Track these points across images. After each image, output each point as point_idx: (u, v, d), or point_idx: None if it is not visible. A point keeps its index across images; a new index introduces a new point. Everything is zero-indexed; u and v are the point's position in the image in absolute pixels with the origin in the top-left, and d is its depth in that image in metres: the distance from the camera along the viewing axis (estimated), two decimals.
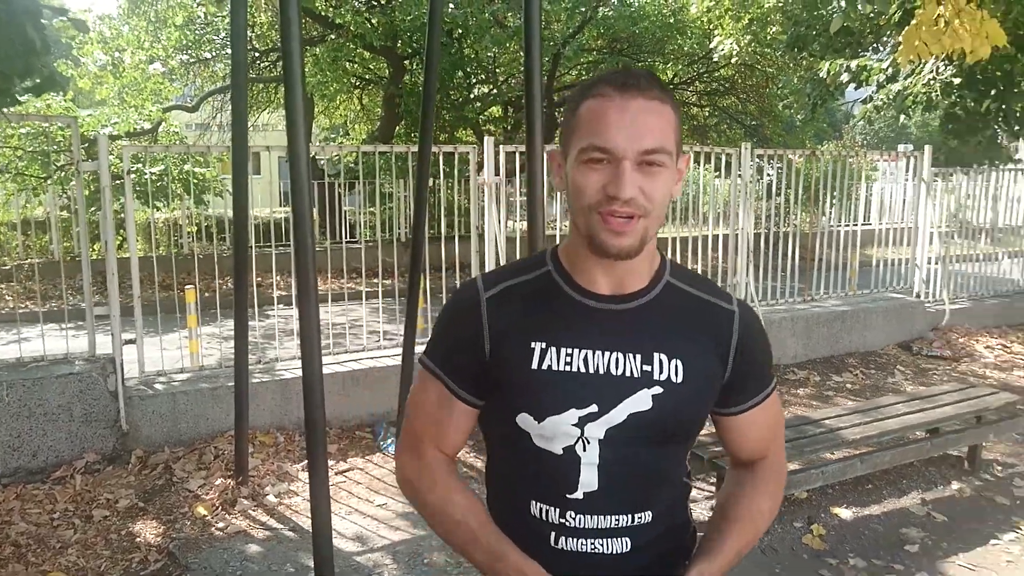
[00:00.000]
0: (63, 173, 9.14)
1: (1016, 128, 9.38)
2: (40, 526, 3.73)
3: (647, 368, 1.22)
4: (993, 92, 8.17)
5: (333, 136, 20.36)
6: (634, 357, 1.22)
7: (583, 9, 12.86)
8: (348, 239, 11.70)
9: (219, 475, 4.23)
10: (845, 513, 4.13)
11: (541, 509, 1.26)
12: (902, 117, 10.16)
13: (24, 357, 4.43)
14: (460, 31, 11.42)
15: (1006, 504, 4.28)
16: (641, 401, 1.21)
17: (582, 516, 1.24)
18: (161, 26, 12.85)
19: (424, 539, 3.72)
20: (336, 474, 4.39)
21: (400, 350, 5.48)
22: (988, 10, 4.63)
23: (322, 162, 14.02)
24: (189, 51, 14.44)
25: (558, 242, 1.36)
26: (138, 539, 3.67)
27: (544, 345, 1.23)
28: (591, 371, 1.21)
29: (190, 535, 3.71)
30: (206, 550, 3.58)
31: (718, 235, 7.08)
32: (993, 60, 7.22)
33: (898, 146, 21.00)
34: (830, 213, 8.00)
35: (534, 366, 1.22)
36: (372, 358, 5.36)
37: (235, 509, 3.96)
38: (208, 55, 15.25)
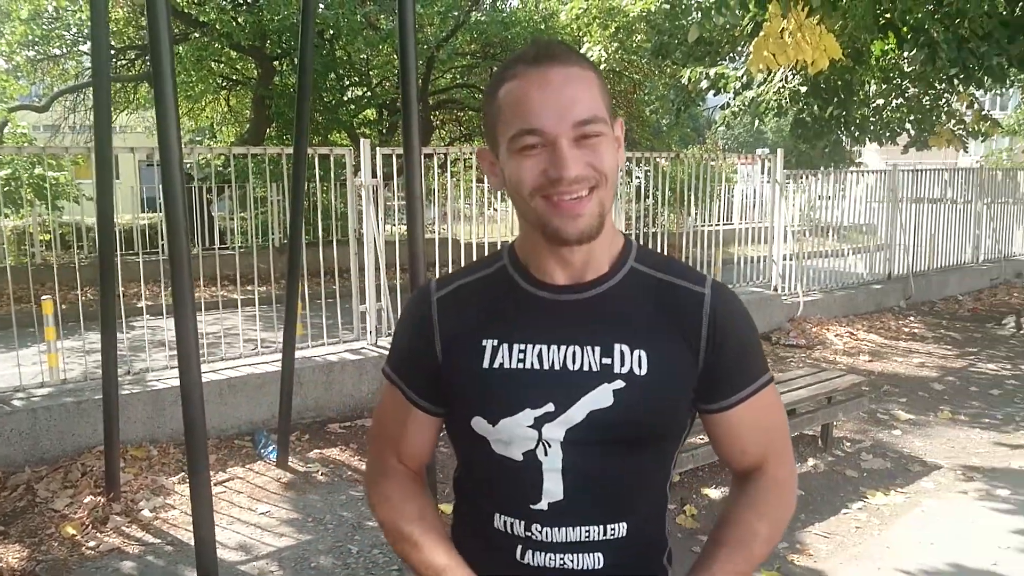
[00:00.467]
0: None
1: (857, 133, 10.23)
2: None
3: (607, 361, 1.11)
4: (836, 100, 8.88)
5: (199, 139, 19.55)
6: (593, 350, 1.12)
7: (456, 13, 12.98)
8: (219, 245, 11.31)
9: (88, 492, 4.02)
10: (714, 493, 4.40)
11: (505, 522, 1.16)
12: (758, 122, 10.84)
13: None
14: (332, 32, 11.28)
15: (855, 477, 4.69)
16: (601, 397, 1.10)
17: (549, 528, 1.13)
18: (3, 19, 11.97)
19: (311, 543, 3.69)
20: (216, 484, 4.27)
21: (279, 355, 5.40)
22: (826, 25, 5.05)
23: (189, 165, 13.43)
24: (37, 47, 13.54)
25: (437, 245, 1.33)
26: (0, 564, 3.46)
27: (496, 342, 1.14)
28: (545, 367, 1.11)
29: (58, 556, 3.52)
30: (76, 571, 3.41)
31: None
32: (834, 70, 7.87)
33: (757, 150, 22.33)
34: (695, 214, 8.44)
35: (485, 365, 1.13)
36: (250, 365, 5.23)
37: (107, 526, 3.78)
38: (58, 52, 14.35)
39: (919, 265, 10.46)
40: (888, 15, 6.15)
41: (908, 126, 10.75)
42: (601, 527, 1.13)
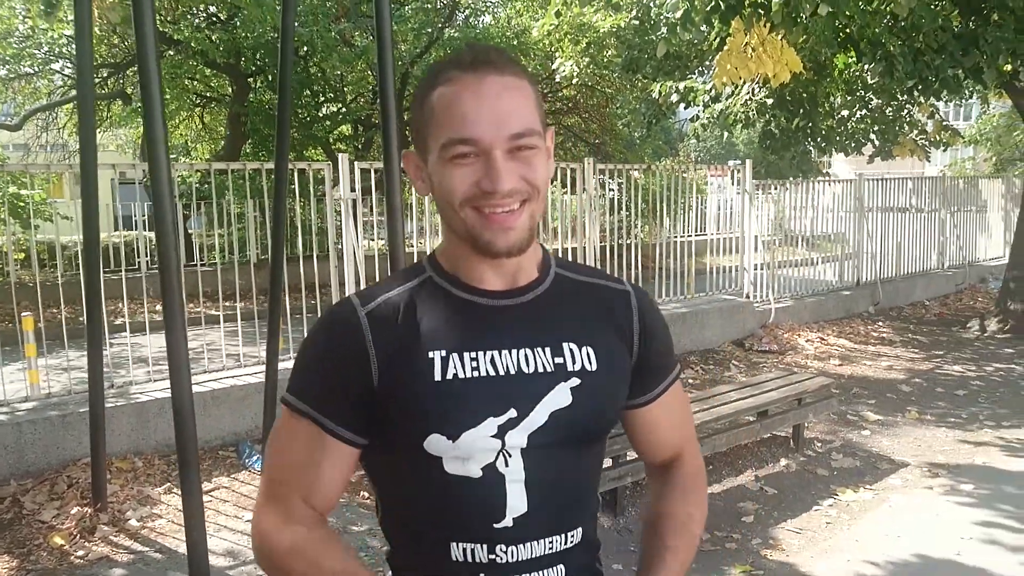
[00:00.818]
0: None
1: (823, 144, 10.51)
2: None
3: (559, 360, 1.10)
4: (801, 112, 9.14)
5: (173, 156, 19.52)
6: (543, 351, 1.10)
7: (429, 30, 13.14)
8: (197, 262, 11.32)
9: (75, 504, 4.06)
10: None
11: (464, 550, 1.07)
12: (728, 134, 11.09)
13: None
14: (307, 49, 11.37)
15: (825, 475, 4.84)
16: (560, 397, 1.08)
17: (514, 547, 1.07)
18: None
19: None
20: (203, 493, 4.32)
21: (261, 367, 5.47)
22: (788, 39, 5.26)
23: None
24: (8, 66, 13.50)
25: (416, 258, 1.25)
26: None
27: (444, 353, 1.07)
28: (502, 372, 1.07)
29: (47, 566, 3.57)
30: None
31: (567, 248, 7.49)
32: (799, 83, 8.11)
33: (728, 161, 22.71)
34: (668, 225, 8.62)
35: (437, 378, 1.05)
36: (232, 377, 5.29)
37: (95, 536, 3.83)
38: (29, 70, 14.31)
39: (886, 272, 10.74)
40: (847, 30, 6.39)
41: (872, 136, 11.05)
42: (562, 536, 1.11)
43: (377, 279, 6.47)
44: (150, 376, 5.25)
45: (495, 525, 1.07)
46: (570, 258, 7.15)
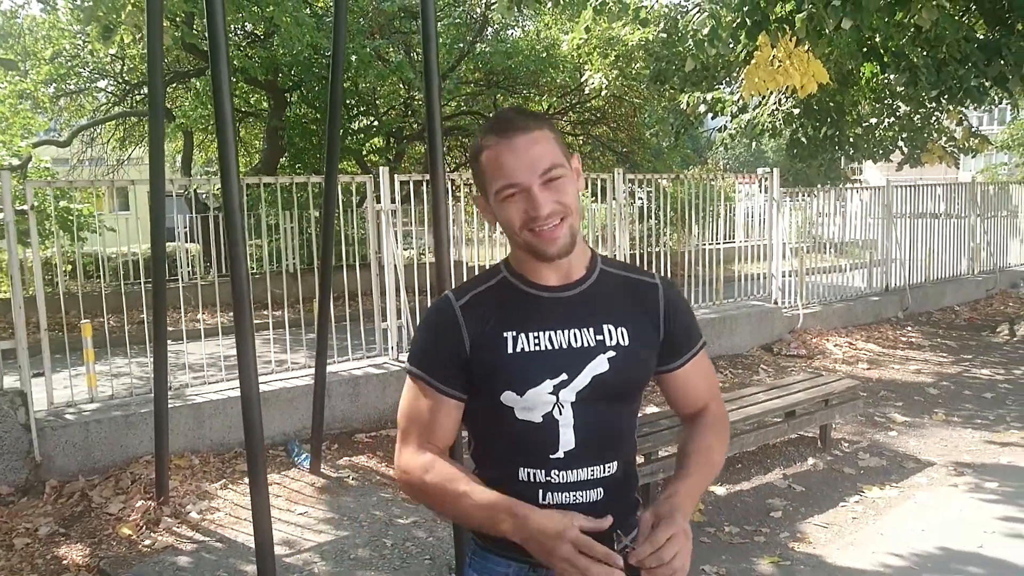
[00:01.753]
0: None
1: (851, 152, 10.60)
2: None
3: (600, 338, 1.46)
4: (828, 120, 9.26)
5: (210, 171, 20.02)
6: (588, 330, 1.46)
7: (461, 44, 13.44)
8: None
9: (139, 497, 4.34)
10: (720, 490, 4.70)
11: (529, 473, 1.45)
12: (757, 142, 11.22)
13: None
14: (331, 64, 11.71)
15: (852, 473, 4.98)
16: (600, 364, 1.44)
17: (564, 472, 1.44)
18: (31, 59, 12.46)
19: (348, 538, 4.01)
20: (267, 483, 4.57)
21: (305, 371, 5.73)
22: (814, 51, 5.43)
23: (205, 195, 13.85)
24: (56, 84, 14.03)
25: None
26: (65, 561, 3.77)
27: (515, 333, 1.45)
28: (556, 347, 1.44)
29: (118, 553, 3.84)
30: (137, 565, 3.72)
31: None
32: (825, 93, 8.25)
33: (757, 169, 22.72)
34: (697, 233, 8.78)
35: (510, 351, 1.44)
36: (281, 380, 5.56)
37: (159, 527, 4.10)
38: (74, 88, 14.85)
39: (916, 277, 10.78)
40: (871, 41, 6.52)
41: (901, 144, 11.10)
42: (602, 466, 1.47)
43: (416, 287, 6.73)
44: (204, 379, 5.53)
45: (551, 456, 1.45)
46: None
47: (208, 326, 6.25)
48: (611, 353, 1.46)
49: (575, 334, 1.47)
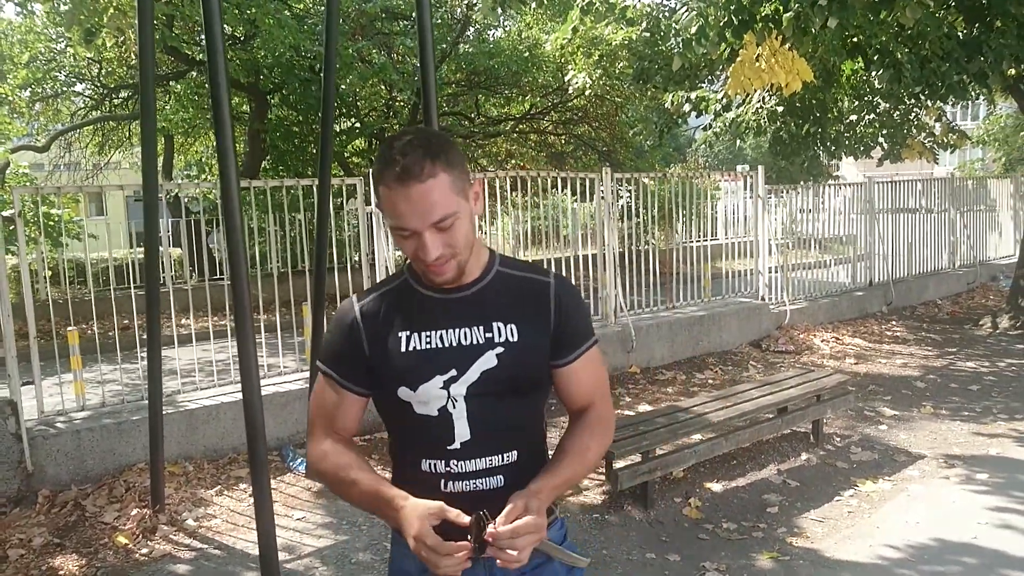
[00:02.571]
0: None
1: (832, 148, 10.70)
2: None
3: (489, 335, 1.55)
4: (811, 118, 9.34)
5: (190, 173, 19.84)
6: (478, 328, 1.56)
7: (443, 45, 13.40)
8: (216, 276, 11.60)
9: (134, 506, 4.30)
10: (716, 487, 4.73)
11: (430, 464, 1.55)
12: (738, 141, 11.29)
13: None
14: (323, 66, 11.66)
15: (845, 468, 5.03)
16: (488, 360, 1.54)
17: (462, 462, 1.54)
18: (7, 64, 12.29)
19: (348, 543, 3.99)
20: (251, 495, 4.54)
21: (299, 375, 5.70)
22: (798, 49, 5.47)
23: (187, 199, 13.75)
24: (32, 88, 13.84)
25: None
26: (61, 572, 3.72)
27: (408, 333, 1.56)
28: (446, 345, 1.54)
29: (115, 563, 3.80)
30: (135, 574, 3.69)
31: (585, 255, 7.71)
32: (808, 91, 8.32)
33: (737, 167, 22.87)
34: (682, 230, 8.82)
35: (403, 349, 1.55)
36: (273, 385, 5.52)
37: (156, 535, 4.06)
38: (51, 92, 14.65)
39: (899, 272, 10.90)
40: (855, 39, 6.59)
41: (881, 140, 11.23)
42: (500, 456, 1.56)
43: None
44: (196, 385, 5.49)
45: (448, 447, 1.55)
46: (590, 265, 7.41)
47: (197, 330, 6.20)
48: (499, 349, 1.54)
49: (465, 332, 1.56)
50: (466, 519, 1.41)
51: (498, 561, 1.41)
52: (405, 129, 1.60)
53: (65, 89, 15.02)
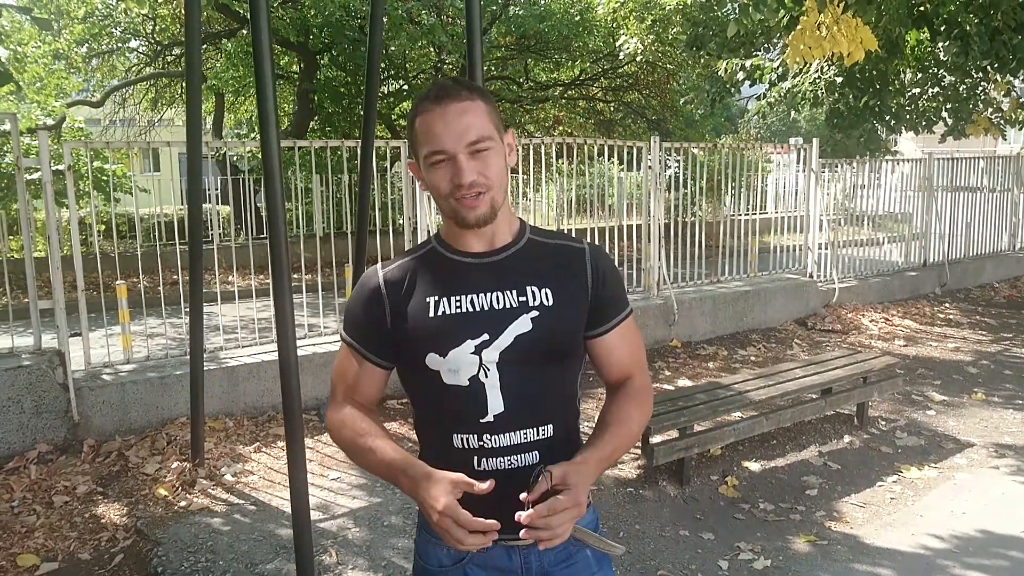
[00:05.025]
0: None
1: (892, 122, 10.32)
2: (1, 513, 3.82)
3: (523, 299, 1.49)
4: (871, 90, 9.00)
5: (240, 132, 20.05)
6: (511, 292, 1.49)
7: (493, 8, 13.21)
8: (262, 235, 11.72)
9: (174, 459, 4.38)
10: (754, 466, 4.65)
11: (462, 439, 1.47)
12: (792, 112, 10.96)
13: None
14: (368, 26, 11.58)
15: (889, 452, 4.90)
16: (523, 324, 1.47)
17: (496, 436, 1.46)
18: (64, 19, 12.47)
19: (381, 505, 4.02)
20: (304, 445, 4.60)
21: (337, 336, 5.73)
22: (862, 18, 5.24)
23: (236, 158, 13.88)
24: (89, 44, 14.05)
25: None
26: (103, 520, 3.82)
27: (437, 298, 1.49)
28: (478, 309, 1.47)
29: (155, 514, 3.88)
30: (173, 526, 3.76)
31: (630, 225, 7.58)
32: (869, 61, 8.00)
33: (790, 139, 22.29)
34: (730, 203, 8.62)
35: (431, 314, 1.48)
36: (313, 345, 5.57)
37: (195, 489, 4.14)
38: (106, 48, 14.86)
39: (955, 253, 10.54)
40: (922, 8, 6.29)
41: (944, 115, 10.79)
42: (535, 429, 1.49)
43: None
44: (238, 343, 5.56)
45: (480, 420, 1.46)
46: (634, 237, 7.29)
47: (240, 288, 6.27)
48: (534, 313, 1.48)
49: (498, 296, 1.49)
50: (487, 487, 1.35)
51: (529, 537, 1.33)
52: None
53: (120, 45, 15.24)
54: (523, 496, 1.35)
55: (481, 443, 1.46)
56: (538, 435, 1.49)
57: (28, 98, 12.61)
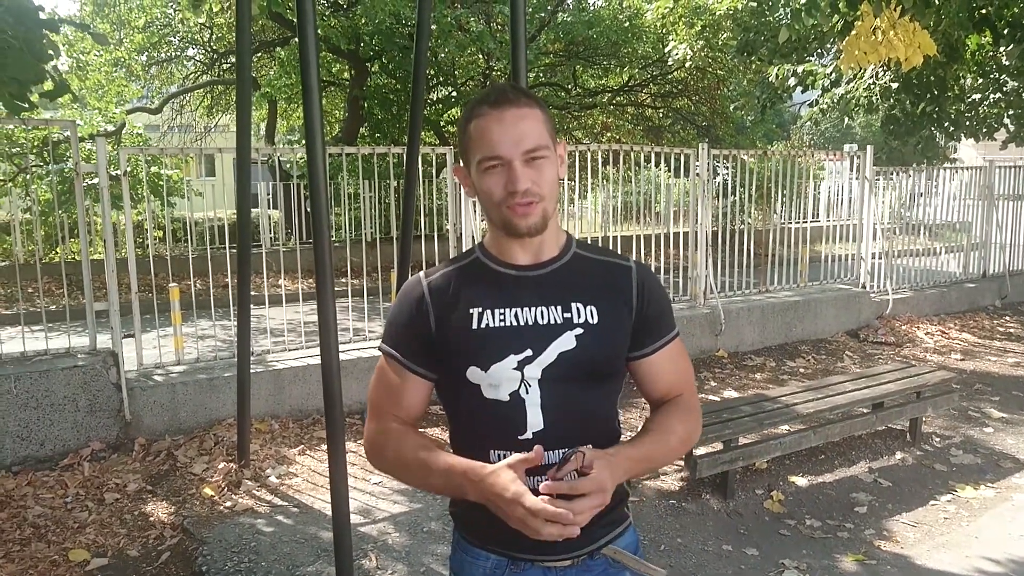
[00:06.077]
0: (28, 175, 9.19)
1: (951, 129, 10.03)
2: (55, 509, 3.94)
3: (567, 315, 1.45)
4: (928, 96, 8.76)
5: (292, 139, 20.41)
6: (556, 308, 1.45)
7: (541, 14, 13.23)
8: (311, 240, 11.87)
9: (221, 459, 4.46)
10: (801, 481, 4.54)
11: (499, 455, 1.41)
12: (847, 118, 10.73)
13: (28, 352, 4.61)
14: (415, 33, 11.68)
15: (944, 471, 4.74)
16: (567, 341, 1.43)
17: None
18: (125, 28, 12.86)
19: (421, 511, 4.03)
20: (345, 449, 4.64)
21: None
22: (920, 22, 5.10)
23: (288, 164, 14.12)
24: (148, 53, 14.45)
25: None
26: (151, 518, 3.91)
27: (480, 310, 1.45)
28: (522, 323, 1.44)
29: (201, 513, 3.96)
30: (218, 526, 3.83)
31: (677, 233, 7.50)
32: (927, 67, 7.79)
33: (844, 146, 21.82)
34: (781, 211, 8.47)
35: (474, 327, 1.44)
36: (358, 350, 5.62)
37: (240, 489, 4.21)
38: (165, 57, 15.27)
39: (1016, 264, 10.19)
40: (983, 11, 6.09)
41: (1007, 121, 10.44)
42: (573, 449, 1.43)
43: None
44: (285, 346, 5.64)
45: (519, 436, 1.42)
46: (681, 244, 7.21)
47: (289, 292, 6.37)
48: (579, 330, 1.45)
49: (542, 311, 1.46)
50: (538, 453, 1.30)
51: (551, 521, 1.25)
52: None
53: (178, 53, 15.65)
54: (550, 472, 1.32)
55: None
56: None
57: (90, 105, 13.02)
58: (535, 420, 1.43)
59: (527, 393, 1.42)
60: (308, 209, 13.44)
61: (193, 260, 5.88)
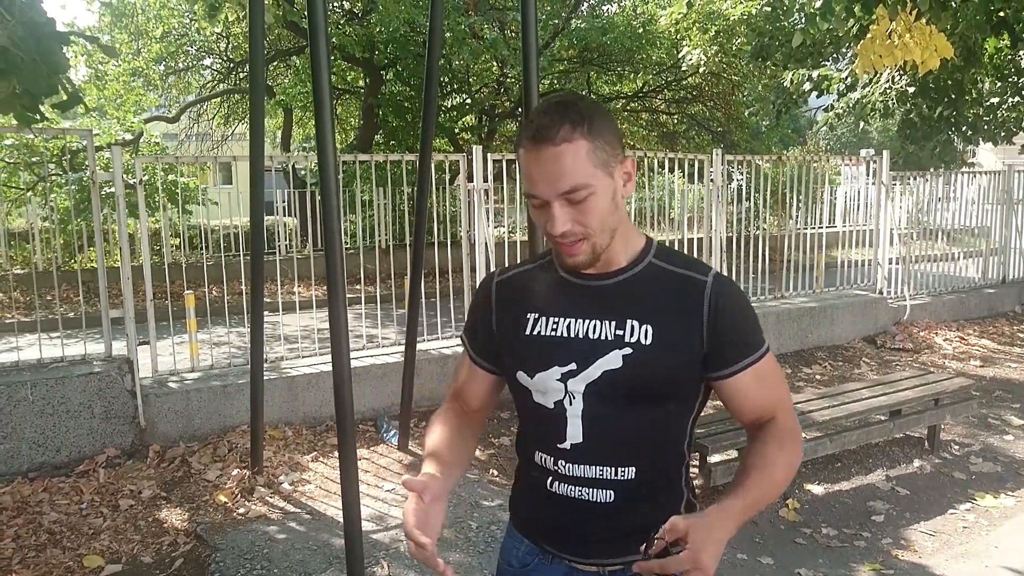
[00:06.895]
0: (46, 184, 9.29)
1: (969, 133, 9.94)
2: (70, 515, 3.96)
3: (620, 332, 1.39)
4: (945, 100, 8.68)
5: (308, 146, 20.53)
6: (610, 323, 1.40)
7: (555, 21, 13.24)
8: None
9: (235, 466, 4.47)
10: (817, 489, 4.50)
11: (541, 457, 1.46)
12: (863, 123, 10.65)
13: (44, 358, 4.65)
14: (427, 40, 11.72)
15: (963, 479, 4.68)
16: (613, 360, 1.38)
17: (571, 464, 1.42)
18: (143, 38, 13.01)
19: None
20: (357, 456, 4.65)
21: (397, 348, 5.78)
22: (936, 25, 5.05)
23: (302, 171, 14.20)
24: (166, 62, 14.60)
25: None
26: (165, 525, 3.92)
27: (536, 315, 1.46)
28: (572, 335, 1.42)
29: (214, 520, 3.96)
30: (231, 532, 3.83)
31: (691, 239, 7.46)
32: (944, 70, 7.73)
33: (860, 151, 21.67)
34: (796, 216, 8.41)
35: (527, 332, 1.46)
36: (372, 356, 5.63)
37: (253, 496, 4.21)
38: (182, 66, 15.42)
39: None
40: (1001, 13, 6.03)
41: None
42: (612, 468, 1.41)
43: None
44: (299, 353, 5.65)
45: (558, 445, 1.44)
46: (693, 251, 7.17)
47: (303, 299, 6.40)
48: (627, 350, 1.39)
49: (595, 325, 1.42)
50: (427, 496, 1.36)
51: None
52: (558, 93, 1.50)
53: (195, 63, 15.81)
54: (642, 548, 1.30)
55: (556, 467, 1.45)
56: (616, 475, 1.41)
57: (109, 114, 13.16)
58: (574, 432, 1.42)
59: (570, 404, 1.42)
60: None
61: (209, 267, 5.92)
